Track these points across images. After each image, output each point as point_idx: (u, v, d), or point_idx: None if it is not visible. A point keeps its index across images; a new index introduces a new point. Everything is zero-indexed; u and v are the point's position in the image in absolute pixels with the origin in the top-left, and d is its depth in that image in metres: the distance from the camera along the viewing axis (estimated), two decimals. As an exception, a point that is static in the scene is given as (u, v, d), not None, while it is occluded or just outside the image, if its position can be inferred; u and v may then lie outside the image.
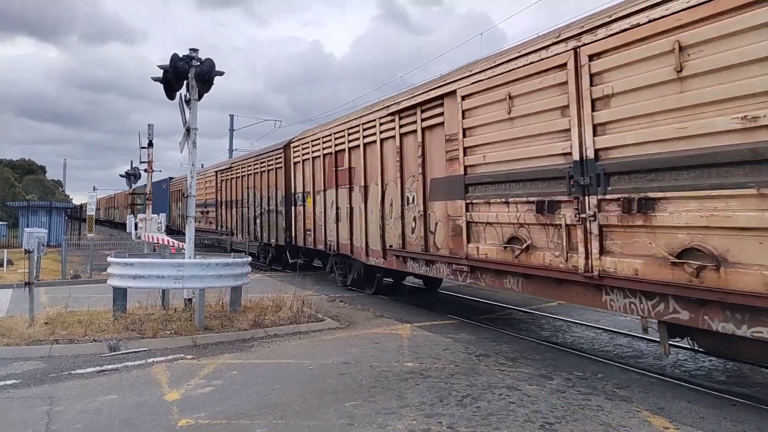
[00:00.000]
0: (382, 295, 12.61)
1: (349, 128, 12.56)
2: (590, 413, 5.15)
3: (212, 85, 9.57)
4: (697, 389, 6.00)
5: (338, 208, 13.15)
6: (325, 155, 13.95)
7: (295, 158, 16.15)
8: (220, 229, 24.20)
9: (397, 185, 10.51)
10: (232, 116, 39.85)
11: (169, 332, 8.37)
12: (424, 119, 9.61)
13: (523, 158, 7.31)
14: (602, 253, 6.20)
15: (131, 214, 20.90)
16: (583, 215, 6.37)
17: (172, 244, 13.89)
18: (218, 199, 24.41)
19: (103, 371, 6.64)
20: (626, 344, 8.26)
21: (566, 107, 6.62)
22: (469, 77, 8.37)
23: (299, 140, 15.95)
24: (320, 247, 14.45)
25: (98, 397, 5.71)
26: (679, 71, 5.36)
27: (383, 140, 11.08)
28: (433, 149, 9.42)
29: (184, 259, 9.42)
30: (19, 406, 5.47)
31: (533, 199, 7.13)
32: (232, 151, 38.76)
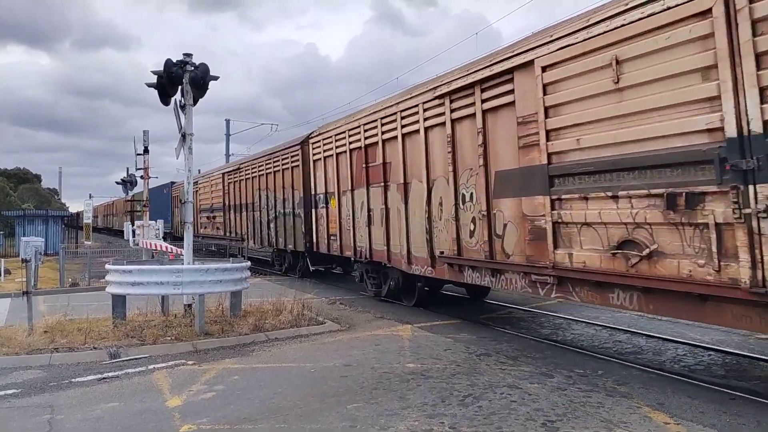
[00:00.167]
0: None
1: (383, 117, 10.99)
2: (591, 410, 5.17)
3: (207, 89, 9.54)
4: (696, 384, 6.04)
5: (370, 209, 11.73)
6: (352, 150, 12.41)
7: (315, 155, 14.51)
8: (228, 234, 22.62)
9: (448, 181, 9.01)
10: (228, 121, 39.84)
11: (169, 338, 8.36)
12: (485, 100, 8.13)
13: (639, 139, 5.86)
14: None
15: (130, 220, 20.54)
16: (746, 211, 4.98)
17: (170, 250, 13.88)
18: (226, 202, 22.79)
19: (103, 379, 6.63)
20: (626, 340, 8.30)
21: (711, 68, 5.23)
22: (552, 43, 6.91)
23: (320, 135, 14.27)
24: (348, 253, 12.95)
25: (99, 404, 5.70)
26: None
27: (428, 129, 9.57)
28: (497, 136, 7.97)
29: (182, 265, 9.42)
30: (19, 415, 5.46)
31: (658, 191, 5.68)
32: (228, 155, 38.71)
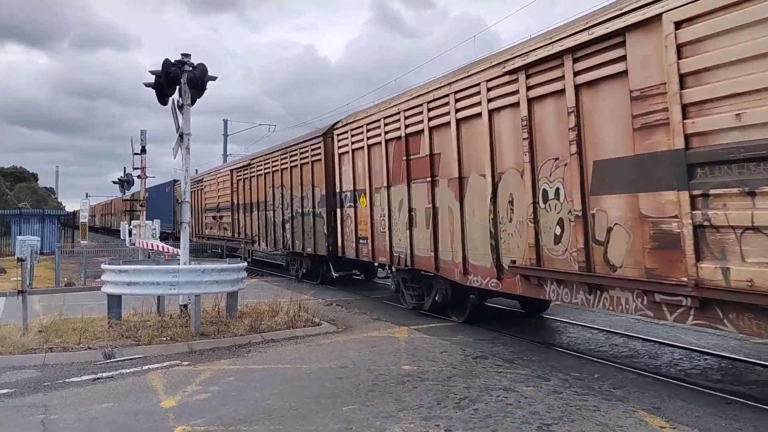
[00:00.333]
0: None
1: (430, 101, 9.53)
2: (587, 414, 5.16)
3: (205, 90, 9.54)
4: (692, 388, 6.03)
5: (412, 209, 10.25)
6: (389, 141, 10.98)
7: (340, 148, 13.08)
8: (236, 235, 21.06)
9: (522, 174, 7.55)
10: (225, 121, 39.80)
11: (164, 339, 8.33)
12: (579, 72, 6.65)
13: None
14: None
15: (130, 219, 20.08)
16: None
17: (166, 250, 13.84)
18: (234, 201, 21.17)
19: (98, 379, 6.60)
20: (622, 344, 8.29)
21: None
22: None
23: (347, 125, 12.76)
24: (381, 260, 11.44)
25: (93, 405, 5.67)
26: None
27: (494, 112, 8.07)
28: (597, 116, 6.51)
29: (179, 265, 9.39)
30: (13, 415, 5.43)
31: None
32: (226, 156, 38.67)
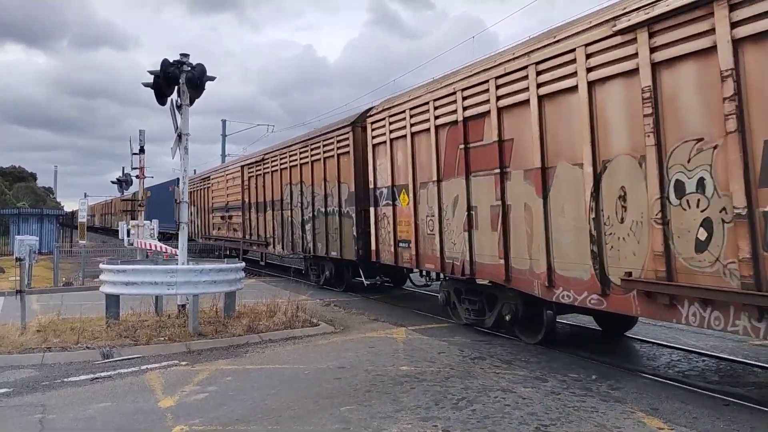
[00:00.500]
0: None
1: (499, 77, 7.91)
2: (585, 415, 5.17)
3: (203, 90, 9.54)
4: (690, 389, 6.04)
5: (471, 207, 8.63)
6: (440, 127, 9.39)
7: (376, 137, 11.55)
8: (248, 237, 19.67)
9: (642, 162, 6.05)
10: (224, 121, 39.80)
11: (162, 339, 8.33)
12: (737, 23, 5.04)
13: None
14: None
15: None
16: None
17: (165, 250, 13.82)
18: (245, 200, 19.77)
19: (96, 378, 6.60)
20: (620, 345, 8.29)
21: None
22: None
23: (384, 111, 11.19)
24: (429, 266, 10.07)
25: (91, 404, 5.67)
26: None
27: (595, 83, 6.49)
28: None
29: (177, 265, 9.38)
30: (11, 414, 5.42)
31: None
32: (224, 155, 38.69)
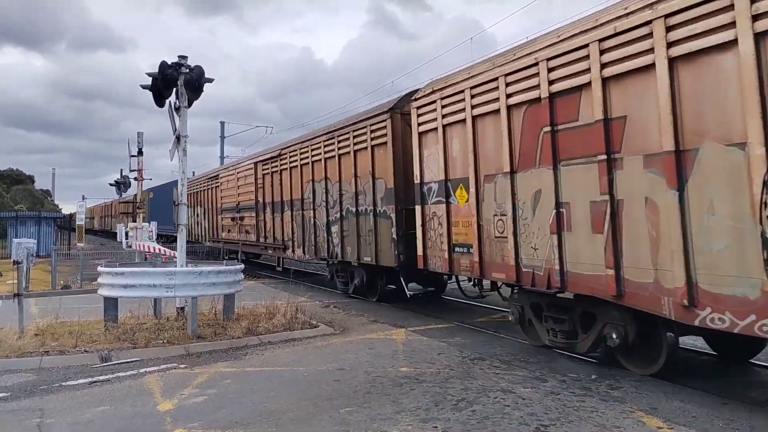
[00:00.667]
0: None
1: (604, 38, 6.26)
2: (585, 415, 5.16)
3: (202, 92, 9.55)
4: (690, 389, 6.03)
5: (562, 204, 6.99)
6: (513, 107, 7.71)
7: (423, 125, 9.91)
8: (262, 240, 18.24)
9: None
10: (222, 123, 39.71)
11: (161, 341, 8.31)
12: None
13: None
14: None
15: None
16: None
17: (163, 252, 13.81)
18: (259, 199, 18.34)
19: (94, 382, 6.58)
20: (619, 345, 8.29)
21: None
22: None
23: (436, 93, 9.45)
24: (498, 275, 8.28)
25: (90, 408, 5.65)
26: None
27: (764, 36, 4.85)
28: None
29: (175, 267, 9.37)
30: (9, 419, 5.40)
31: None
32: (223, 157, 38.65)
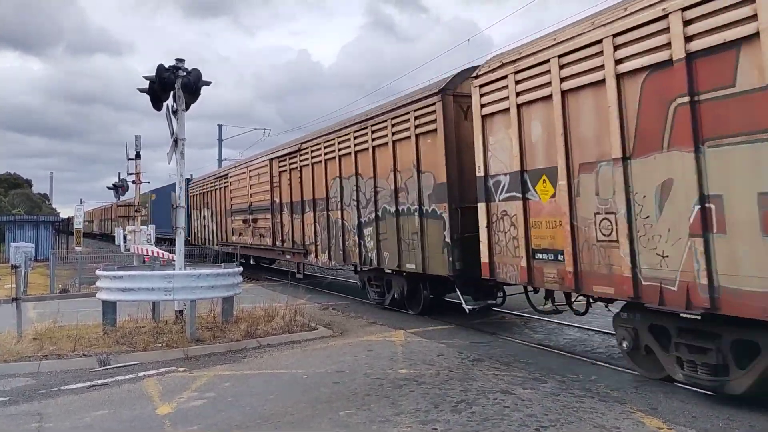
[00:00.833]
0: None
1: None
2: (584, 415, 5.16)
3: (199, 95, 9.54)
4: (689, 389, 6.03)
5: (708, 199, 5.28)
6: (624, 75, 6.09)
7: (488, 106, 8.28)
8: (278, 244, 16.66)
9: None
10: (220, 126, 39.81)
11: (160, 345, 8.29)
12: None
13: None
14: None
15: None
16: None
17: (162, 255, 13.80)
18: (276, 199, 16.69)
19: (93, 386, 6.56)
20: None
21: None
22: None
23: (507, 66, 7.82)
24: (604, 289, 6.59)
25: (89, 412, 5.64)
26: None
27: None
28: None
29: (174, 270, 9.35)
30: (8, 423, 5.39)
31: None
32: (221, 160, 38.65)
